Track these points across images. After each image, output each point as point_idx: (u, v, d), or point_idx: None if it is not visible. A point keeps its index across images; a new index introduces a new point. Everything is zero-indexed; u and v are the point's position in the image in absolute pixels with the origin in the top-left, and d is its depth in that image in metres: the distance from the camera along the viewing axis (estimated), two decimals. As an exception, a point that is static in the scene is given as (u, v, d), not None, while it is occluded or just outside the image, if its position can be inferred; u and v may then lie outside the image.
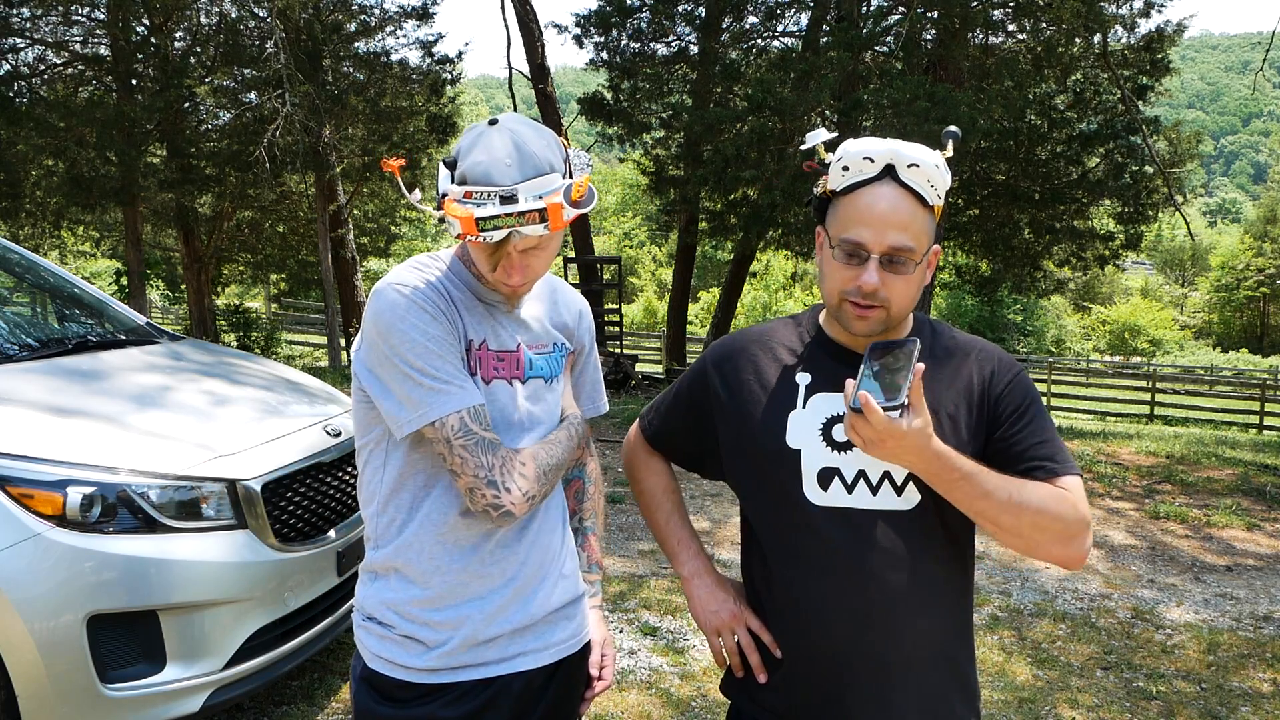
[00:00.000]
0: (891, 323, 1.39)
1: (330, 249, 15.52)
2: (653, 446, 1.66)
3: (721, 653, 1.53)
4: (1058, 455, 1.37)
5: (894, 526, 1.36)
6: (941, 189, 1.37)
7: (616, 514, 5.75)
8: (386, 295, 1.36)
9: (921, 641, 1.38)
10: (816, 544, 1.38)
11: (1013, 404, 1.40)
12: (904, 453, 1.25)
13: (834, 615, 1.37)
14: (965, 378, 1.42)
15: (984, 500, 1.29)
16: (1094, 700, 3.45)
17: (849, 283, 1.36)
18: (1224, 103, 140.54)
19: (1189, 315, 51.86)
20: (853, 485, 1.38)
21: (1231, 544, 5.61)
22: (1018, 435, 1.38)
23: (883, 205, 1.33)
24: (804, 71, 11.16)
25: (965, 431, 1.38)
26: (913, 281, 1.37)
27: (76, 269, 26.48)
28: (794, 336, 1.51)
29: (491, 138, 1.32)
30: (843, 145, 1.38)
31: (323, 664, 3.46)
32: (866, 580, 1.35)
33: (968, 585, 1.46)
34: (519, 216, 1.28)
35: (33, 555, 2.30)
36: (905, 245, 1.33)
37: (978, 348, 1.47)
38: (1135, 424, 17.97)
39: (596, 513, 1.71)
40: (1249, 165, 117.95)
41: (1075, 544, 1.34)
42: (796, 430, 1.42)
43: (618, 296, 16.23)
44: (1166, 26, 12.92)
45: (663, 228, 16.91)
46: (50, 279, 3.99)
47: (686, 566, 1.58)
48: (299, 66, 12.46)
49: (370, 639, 1.45)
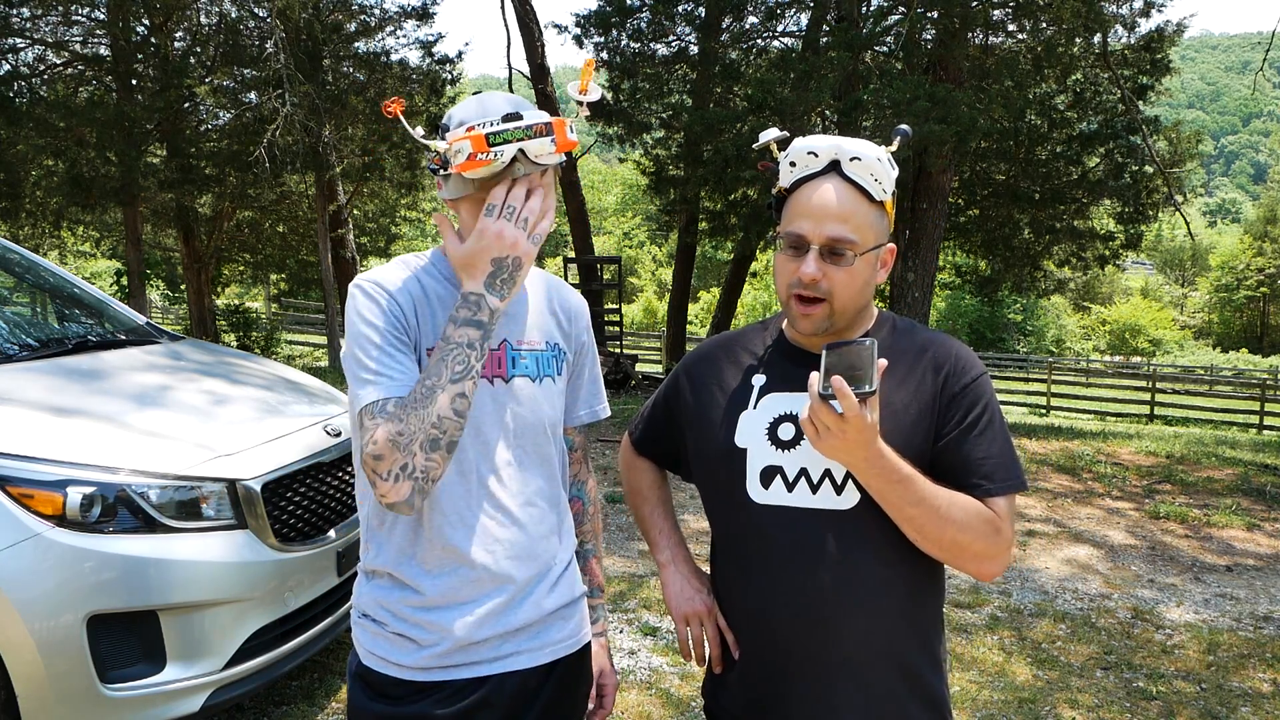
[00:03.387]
0: (836, 318, 1.39)
1: (330, 249, 15.51)
2: (638, 452, 1.71)
3: (687, 642, 1.54)
4: (997, 473, 1.35)
5: (833, 525, 1.35)
6: (887, 184, 1.37)
7: (616, 514, 5.75)
8: (352, 288, 1.39)
9: (863, 641, 1.36)
10: (758, 543, 1.40)
11: (961, 411, 1.37)
12: (852, 449, 1.25)
13: (775, 614, 1.38)
14: (917, 377, 1.40)
15: (914, 508, 1.29)
16: (1094, 700, 3.45)
17: (792, 275, 1.37)
18: (1224, 103, 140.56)
19: (1189, 315, 51.88)
20: (794, 484, 1.38)
21: (1231, 544, 5.61)
22: (961, 446, 1.36)
23: (823, 197, 1.35)
24: (804, 71, 11.15)
25: (911, 434, 1.36)
26: (856, 275, 1.36)
27: (76, 269, 26.48)
28: (759, 340, 1.54)
29: (482, 95, 1.38)
30: (792, 143, 1.41)
31: (323, 664, 3.46)
32: (805, 579, 1.35)
33: (926, 585, 1.42)
34: (526, 129, 1.29)
35: (33, 555, 2.30)
36: (845, 236, 1.34)
37: (935, 346, 1.44)
38: (1135, 424, 17.97)
39: (596, 533, 1.69)
40: (1249, 165, 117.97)
41: (990, 563, 1.35)
42: (745, 430, 1.43)
43: (618, 296, 16.23)
44: (1166, 26, 12.91)
45: (663, 228, 16.89)
46: (50, 279, 3.99)
47: (664, 554, 1.60)
48: (299, 66, 12.46)
49: (365, 636, 1.45)
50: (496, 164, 1.30)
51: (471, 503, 1.40)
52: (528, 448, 1.45)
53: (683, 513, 5.84)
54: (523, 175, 1.33)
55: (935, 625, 1.45)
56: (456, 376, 1.29)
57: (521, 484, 1.45)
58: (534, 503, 1.46)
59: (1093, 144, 12.99)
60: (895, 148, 1.42)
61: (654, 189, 14.36)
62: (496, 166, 1.30)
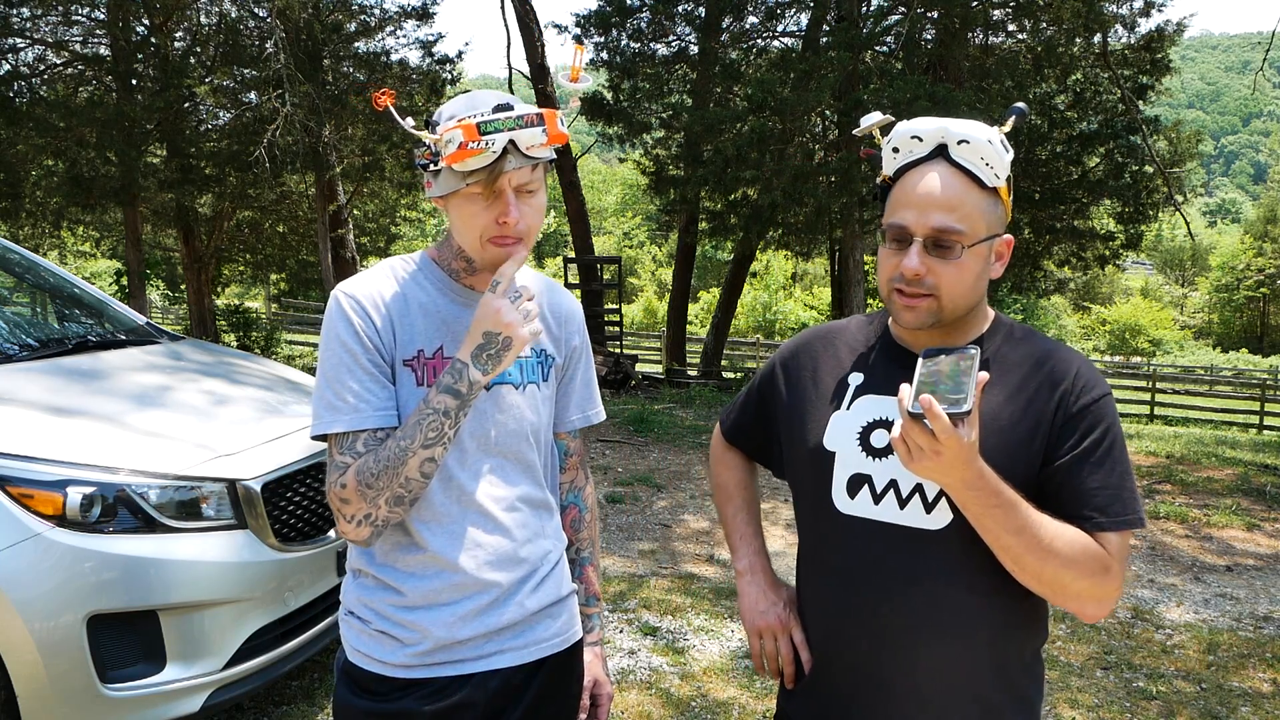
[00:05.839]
0: (945, 315, 1.28)
1: (330, 249, 15.51)
2: (729, 442, 1.63)
3: (760, 656, 1.47)
4: (1113, 506, 1.22)
5: (918, 546, 1.26)
6: (1000, 169, 1.26)
7: (616, 514, 5.75)
8: (331, 298, 1.39)
9: (938, 673, 1.26)
10: (839, 554, 1.32)
11: (1079, 434, 1.24)
12: (948, 470, 1.14)
13: (849, 631, 1.31)
14: (1030, 392, 1.27)
15: (1014, 536, 1.18)
16: (1094, 700, 3.45)
17: (895, 269, 1.27)
18: (1224, 103, 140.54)
19: (1189, 315, 51.89)
20: (881, 496, 1.29)
21: (1231, 544, 5.61)
22: (1074, 473, 1.23)
23: (929, 185, 1.24)
24: (804, 71, 11.16)
25: (1018, 454, 1.24)
26: (966, 269, 1.25)
27: (76, 269, 26.48)
28: (862, 335, 1.44)
29: (472, 92, 1.37)
30: (895, 127, 1.32)
31: (323, 664, 3.46)
32: (882, 599, 1.27)
33: (1021, 621, 1.30)
34: (518, 119, 1.29)
35: (33, 555, 2.30)
36: (951, 227, 1.23)
37: (1055, 359, 1.30)
38: (1135, 424, 17.95)
39: (593, 541, 1.68)
40: (1249, 165, 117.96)
41: (1094, 605, 1.22)
42: (836, 431, 1.35)
43: (618, 296, 16.23)
44: (1166, 26, 12.93)
45: (663, 228, 16.90)
46: (50, 279, 3.99)
47: (743, 561, 1.53)
48: (299, 66, 12.45)
49: (350, 633, 1.46)
50: (487, 154, 1.28)
51: (453, 509, 1.40)
52: (510, 454, 1.45)
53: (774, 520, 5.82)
54: (514, 169, 1.31)
55: (1029, 665, 1.34)
56: (429, 442, 1.31)
57: (504, 490, 1.44)
58: (517, 508, 1.45)
59: (1093, 144, 13.01)
60: (1009, 128, 1.31)
61: (654, 189, 14.38)
62: (488, 157, 1.29)
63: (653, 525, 5.55)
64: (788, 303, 35.35)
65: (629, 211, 48.88)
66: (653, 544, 5.17)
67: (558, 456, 1.61)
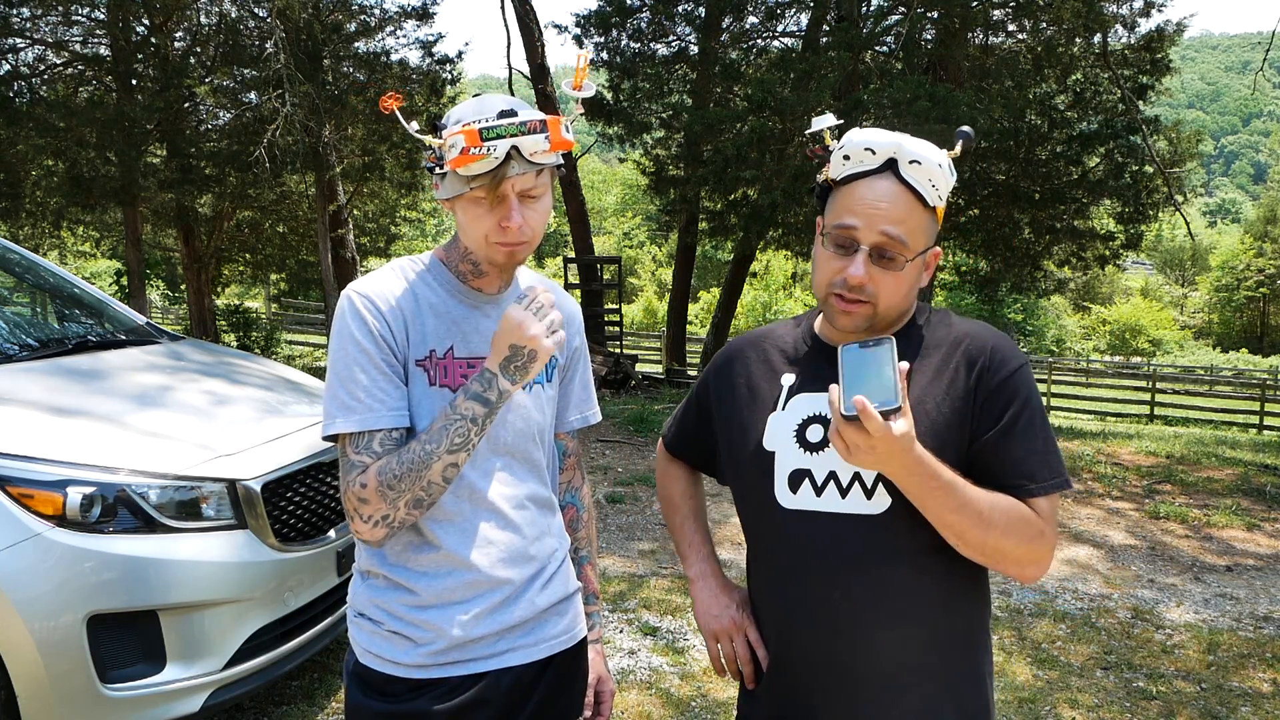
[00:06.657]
0: (879, 321, 1.34)
1: (330, 249, 15.49)
2: (672, 454, 1.67)
3: (719, 659, 1.50)
4: (1040, 472, 1.28)
5: (862, 531, 1.29)
6: (944, 190, 1.32)
7: (616, 514, 5.75)
8: (343, 298, 1.40)
9: (894, 653, 1.30)
10: (786, 548, 1.35)
11: (1000, 408, 1.30)
12: (886, 460, 1.18)
13: (802, 623, 1.33)
14: (950, 373, 1.33)
15: (955, 514, 1.23)
16: (1094, 700, 3.45)
17: (837, 274, 1.32)
18: (1224, 103, 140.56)
19: (1189, 315, 51.90)
20: (822, 487, 1.32)
21: (1231, 544, 5.61)
22: (1002, 446, 1.29)
23: (878, 197, 1.29)
24: (804, 71, 11.15)
25: (946, 435, 1.29)
26: (903, 280, 1.31)
27: (76, 269, 26.47)
28: (791, 337, 1.49)
29: (481, 96, 1.38)
30: (848, 134, 1.35)
31: (323, 664, 3.46)
32: (832, 587, 1.30)
33: (966, 593, 1.35)
34: (520, 125, 1.30)
35: (33, 555, 2.30)
36: (899, 239, 1.29)
37: (970, 338, 1.35)
38: (1135, 424, 17.97)
39: (591, 540, 1.70)
40: (1249, 165, 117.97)
41: (1033, 567, 1.29)
42: (773, 432, 1.39)
43: (617, 296, 16.23)
44: (1166, 26, 12.91)
45: (663, 228, 16.89)
46: (50, 279, 3.99)
47: (694, 568, 1.56)
48: (299, 66, 12.44)
49: (361, 635, 1.46)
50: (489, 159, 1.29)
51: (465, 508, 1.41)
52: (518, 454, 1.47)
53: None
54: (517, 174, 1.32)
55: (977, 636, 1.38)
56: (454, 448, 1.32)
57: (514, 488, 1.46)
58: (525, 506, 1.47)
59: (1093, 144, 12.99)
60: (957, 152, 1.36)
61: (654, 189, 14.37)
62: (490, 162, 1.30)
63: (653, 525, 5.55)
64: (787, 302, 35.32)
65: (629, 211, 48.86)
66: (653, 544, 5.17)
67: (557, 457, 1.62)
